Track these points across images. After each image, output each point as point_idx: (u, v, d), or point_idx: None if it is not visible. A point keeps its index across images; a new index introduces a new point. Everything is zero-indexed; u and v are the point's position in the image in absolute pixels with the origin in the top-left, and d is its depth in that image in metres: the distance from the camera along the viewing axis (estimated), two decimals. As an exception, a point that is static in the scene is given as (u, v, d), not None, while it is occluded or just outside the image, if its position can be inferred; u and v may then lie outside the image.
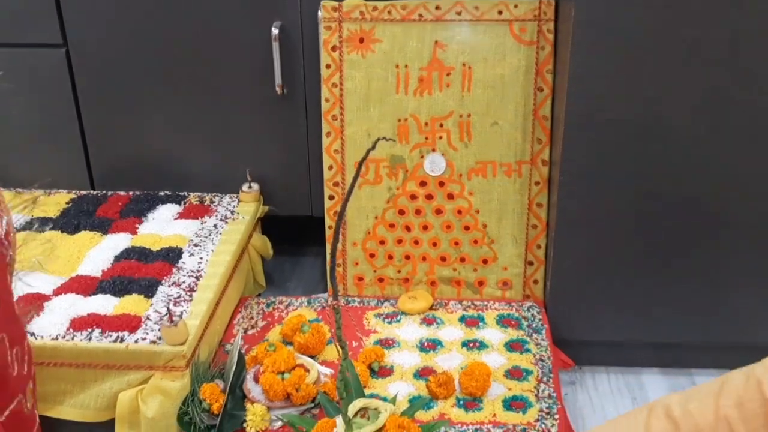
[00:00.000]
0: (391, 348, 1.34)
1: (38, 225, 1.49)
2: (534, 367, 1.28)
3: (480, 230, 1.45)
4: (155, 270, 1.34)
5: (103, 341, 1.17)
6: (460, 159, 1.42)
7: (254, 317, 1.43)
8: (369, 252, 1.49)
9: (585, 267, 1.38)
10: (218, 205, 1.57)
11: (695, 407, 0.71)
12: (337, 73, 1.42)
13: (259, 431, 1.16)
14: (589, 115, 1.25)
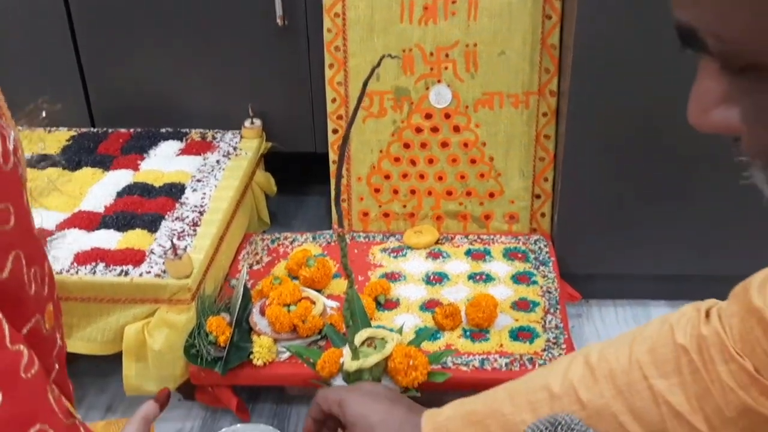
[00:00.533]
0: (397, 281, 1.33)
1: (39, 162, 1.47)
2: (541, 298, 1.28)
3: (486, 163, 1.43)
4: (158, 205, 1.33)
5: (108, 275, 1.17)
6: (466, 90, 1.39)
7: (259, 253, 1.43)
8: (374, 187, 1.47)
9: (592, 199, 1.36)
10: (220, 141, 1.55)
11: (611, 353, 0.70)
12: (339, 3, 1.38)
13: (266, 363, 1.16)
14: (599, 43, 1.22)
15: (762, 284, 0.64)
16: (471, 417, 0.75)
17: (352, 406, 0.82)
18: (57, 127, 1.61)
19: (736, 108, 0.40)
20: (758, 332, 0.62)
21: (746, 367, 0.62)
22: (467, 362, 1.15)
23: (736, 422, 0.63)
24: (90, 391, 1.32)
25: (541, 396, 0.72)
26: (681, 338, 0.67)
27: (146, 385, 1.19)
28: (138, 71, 1.57)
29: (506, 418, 0.73)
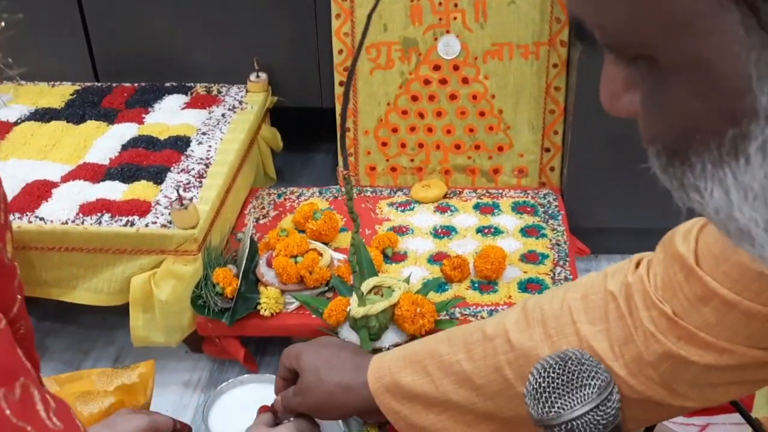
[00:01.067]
0: (405, 235, 1.32)
1: (43, 115, 1.45)
2: (550, 251, 1.26)
3: (496, 116, 1.41)
4: (163, 157, 1.32)
5: (113, 225, 1.16)
6: (476, 41, 1.37)
7: (265, 207, 1.41)
8: (381, 141, 1.45)
9: (603, 153, 1.34)
10: (226, 95, 1.53)
11: (546, 299, 0.71)
12: (346, -49, 1.35)
13: (273, 313, 1.16)
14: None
15: (687, 233, 0.65)
16: (411, 357, 0.77)
17: (304, 355, 0.86)
18: (60, 82, 1.59)
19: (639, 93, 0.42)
20: (680, 278, 0.63)
21: (666, 312, 0.63)
22: (475, 313, 1.14)
23: (656, 367, 0.64)
24: (97, 344, 1.32)
25: (476, 337, 0.73)
26: (611, 285, 0.68)
27: (154, 336, 1.19)
28: (142, 25, 1.54)
29: (442, 358, 0.75)
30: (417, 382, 0.76)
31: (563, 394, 0.60)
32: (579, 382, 0.60)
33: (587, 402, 0.59)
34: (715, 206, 0.40)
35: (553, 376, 0.61)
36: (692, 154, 0.40)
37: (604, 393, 0.60)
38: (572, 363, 0.61)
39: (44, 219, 1.17)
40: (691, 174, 0.41)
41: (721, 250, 0.60)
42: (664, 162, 0.43)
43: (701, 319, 0.61)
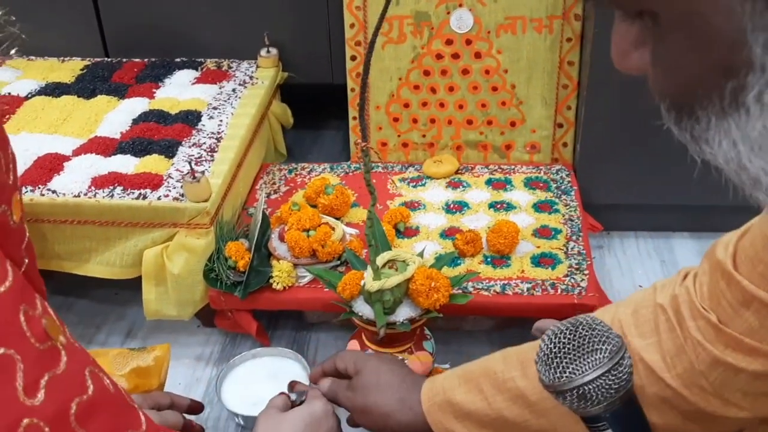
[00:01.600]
0: (417, 210, 1.31)
1: (54, 90, 1.45)
2: (563, 226, 1.26)
3: (508, 91, 1.40)
4: (175, 131, 1.31)
5: (126, 198, 1.16)
6: (489, 14, 1.35)
7: (276, 182, 1.41)
8: (393, 116, 1.44)
9: (616, 129, 1.33)
10: (236, 70, 1.52)
11: (597, 314, 0.72)
12: (358, -77, 1.34)
13: (285, 287, 1.16)
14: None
15: (727, 242, 0.66)
16: (465, 376, 0.79)
17: (368, 361, 0.89)
18: (70, 57, 1.58)
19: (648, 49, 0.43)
20: (722, 285, 0.64)
21: (711, 320, 0.64)
22: (488, 287, 1.14)
23: (706, 376, 0.65)
24: (109, 318, 1.33)
25: (531, 355, 0.73)
26: (660, 299, 0.69)
27: (166, 309, 1.19)
28: (151, 0, 1.53)
29: (497, 376, 0.76)
30: (470, 400, 0.77)
31: (574, 359, 0.59)
32: (590, 347, 0.60)
33: (599, 366, 0.59)
34: (725, 157, 0.42)
35: (564, 342, 0.60)
36: (697, 108, 0.41)
37: (616, 357, 0.59)
38: (583, 328, 0.61)
39: (56, 192, 1.17)
40: (698, 127, 0.42)
41: (755, 251, 0.61)
42: (675, 116, 0.44)
43: (745, 324, 0.62)
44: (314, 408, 0.85)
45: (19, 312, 0.44)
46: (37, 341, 0.44)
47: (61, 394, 0.45)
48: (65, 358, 0.46)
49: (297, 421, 0.82)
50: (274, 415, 0.85)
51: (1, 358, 0.42)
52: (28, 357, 0.43)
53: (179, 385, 1.18)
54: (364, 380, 0.87)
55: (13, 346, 0.43)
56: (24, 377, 0.43)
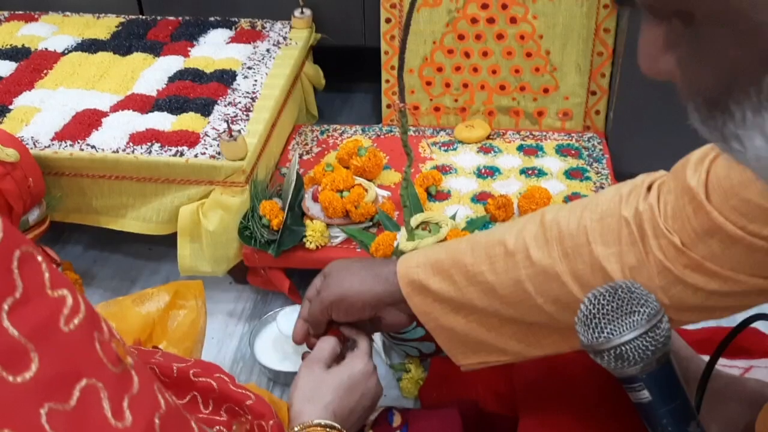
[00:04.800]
0: (448, 174, 1.32)
1: (90, 46, 1.46)
2: (594, 194, 1.26)
3: (543, 57, 1.39)
4: (210, 90, 1.32)
5: (163, 155, 1.17)
6: (526, -21, 1.35)
7: (309, 143, 1.42)
8: (426, 80, 1.44)
9: (650, 98, 1.33)
10: (270, 30, 1.52)
11: (563, 216, 0.72)
12: None
13: (318, 246, 1.17)
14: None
15: (698, 163, 0.66)
16: (436, 266, 0.79)
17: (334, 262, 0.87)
18: (105, 14, 1.59)
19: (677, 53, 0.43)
20: (689, 210, 0.64)
21: (674, 242, 0.65)
22: (519, 252, 1.15)
23: (665, 291, 0.66)
24: (143, 272, 1.35)
25: (498, 251, 0.75)
26: (625, 211, 0.69)
27: (200, 265, 1.21)
28: (186, -43, 1.54)
29: (467, 269, 0.77)
30: (444, 288, 0.78)
31: (612, 320, 0.61)
32: (628, 308, 0.61)
33: (636, 328, 0.60)
34: (756, 154, 0.41)
35: (603, 303, 0.62)
36: (732, 103, 0.41)
37: (653, 320, 0.61)
38: (622, 291, 0.62)
39: (95, 147, 1.19)
40: (731, 123, 0.42)
41: (731, 185, 0.62)
42: (705, 115, 0.44)
43: (707, 249, 0.64)
44: (354, 369, 0.83)
45: (94, 340, 0.44)
46: (112, 366, 0.45)
47: (143, 412, 0.46)
48: (136, 378, 0.46)
49: (336, 384, 0.80)
50: (318, 372, 0.82)
51: (87, 388, 0.42)
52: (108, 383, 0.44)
53: (212, 339, 1.21)
54: (334, 274, 0.85)
55: (94, 375, 0.43)
56: (110, 403, 0.43)
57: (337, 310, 0.84)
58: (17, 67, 1.40)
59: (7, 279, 0.39)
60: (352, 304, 0.83)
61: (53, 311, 0.41)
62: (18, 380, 0.38)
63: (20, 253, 0.40)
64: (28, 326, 0.39)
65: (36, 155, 1.15)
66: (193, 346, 1.04)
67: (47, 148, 1.18)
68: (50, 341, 0.40)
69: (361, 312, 0.83)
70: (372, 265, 0.84)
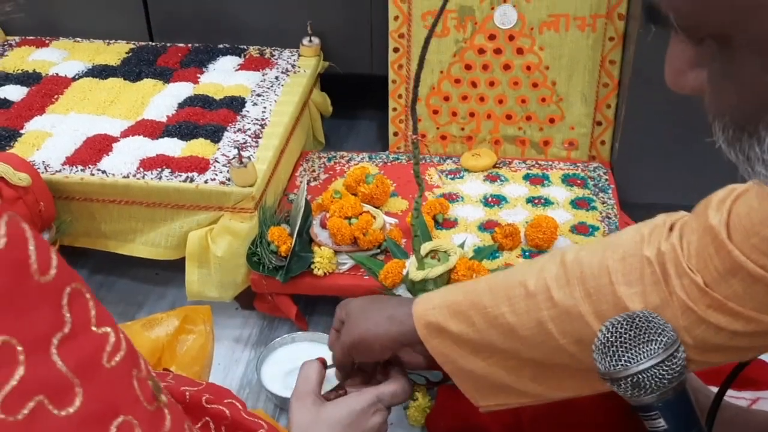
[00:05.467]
0: (455, 202, 1.33)
1: (100, 72, 1.48)
2: (600, 223, 1.27)
3: (549, 87, 1.41)
4: (220, 117, 1.34)
5: (173, 181, 1.18)
6: (533, 11, 1.37)
7: (316, 170, 1.43)
8: (432, 108, 1.46)
9: (656, 129, 1.34)
10: (278, 58, 1.54)
11: (585, 256, 0.73)
12: None
13: (326, 273, 1.18)
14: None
15: (719, 202, 0.67)
16: (454, 307, 0.78)
17: (353, 300, 0.88)
18: (115, 40, 1.61)
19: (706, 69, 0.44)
20: (711, 250, 0.65)
21: (697, 282, 0.65)
22: (526, 281, 1.16)
23: (688, 331, 0.66)
24: (150, 297, 1.35)
25: (518, 292, 0.75)
26: (647, 250, 0.70)
27: (208, 290, 1.22)
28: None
29: (487, 311, 0.76)
30: (463, 331, 0.78)
31: (630, 348, 0.61)
32: (646, 337, 0.62)
33: (653, 356, 0.61)
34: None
35: (621, 332, 0.62)
36: (762, 128, 0.42)
37: (670, 349, 0.61)
38: (640, 320, 0.63)
39: (106, 172, 1.20)
40: (758, 147, 0.42)
41: (752, 223, 0.62)
42: (731, 136, 0.44)
43: (730, 289, 0.64)
44: (355, 406, 0.80)
45: (132, 377, 0.45)
46: (147, 403, 0.45)
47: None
48: (169, 417, 0.47)
49: (335, 419, 0.77)
50: (311, 405, 0.80)
51: (123, 425, 0.43)
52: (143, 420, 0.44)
53: (219, 365, 1.21)
54: (352, 317, 0.86)
55: (131, 413, 0.44)
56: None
57: (357, 352, 0.85)
58: (28, 92, 1.41)
59: (57, 315, 0.40)
60: (370, 347, 0.83)
61: (97, 347, 0.42)
62: (62, 414, 0.39)
63: (70, 289, 0.41)
64: (74, 361, 0.40)
65: (47, 180, 1.16)
66: (202, 371, 1.05)
67: (58, 173, 1.19)
68: (94, 377, 0.41)
69: (381, 354, 0.84)
70: (387, 307, 0.85)
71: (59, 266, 0.41)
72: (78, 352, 0.40)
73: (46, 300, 0.40)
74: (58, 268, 0.41)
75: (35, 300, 0.39)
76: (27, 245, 0.40)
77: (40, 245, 0.40)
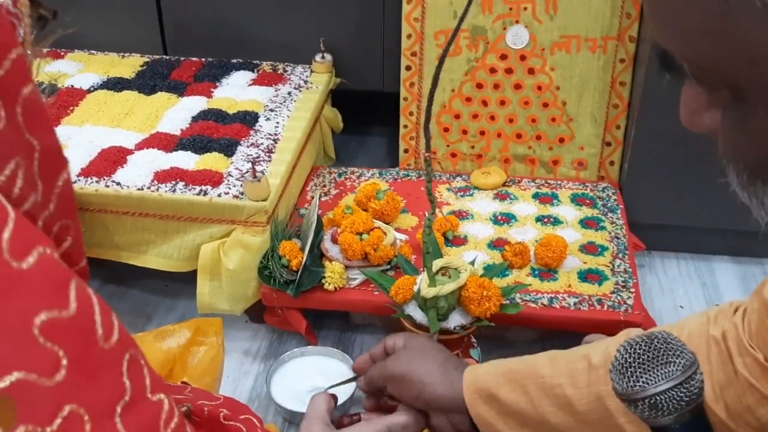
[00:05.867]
0: (465, 220, 1.34)
1: (115, 85, 1.49)
2: (609, 243, 1.28)
3: (559, 108, 1.42)
4: (233, 131, 1.35)
5: (187, 194, 1.19)
6: (544, 32, 1.38)
7: (327, 185, 1.44)
8: (443, 126, 1.47)
9: (665, 150, 1.35)
10: (291, 74, 1.55)
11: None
12: (421, -63, 1.37)
13: (337, 288, 1.19)
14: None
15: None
16: (509, 375, 0.78)
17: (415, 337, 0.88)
18: (130, 53, 1.63)
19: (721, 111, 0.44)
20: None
21: (758, 359, 0.65)
22: (535, 300, 1.16)
23: (753, 411, 0.66)
24: (160, 309, 1.36)
25: (580, 365, 0.74)
26: (713, 330, 0.71)
27: (219, 303, 1.22)
28: (213, 1, 1.57)
29: (544, 380, 0.76)
30: (515, 399, 0.77)
31: (648, 369, 0.62)
32: (664, 359, 0.62)
33: (671, 378, 0.61)
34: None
35: (639, 353, 0.62)
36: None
37: (689, 371, 0.62)
38: (658, 341, 0.63)
39: (120, 184, 1.21)
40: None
41: None
42: (745, 180, 0.45)
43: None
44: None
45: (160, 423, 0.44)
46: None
47: None
48: None
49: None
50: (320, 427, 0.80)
51: None
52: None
53: (228, 378, 1.21)
54: (409, 350, 0.87)
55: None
56: None
57: (393, 384, 0.85)
58: (44, 103, 1.42)
59: (119, 381, 0.40)
60: (408, 389, 0.83)
61: (155, 415, 0.42)
62: None
63: (129, 356, 0.41)
64: (135, 430, 0.40)
65: (62, 190, 1.16)
66: (212, 383, 1.05)
67: (73, 184, 1.20)
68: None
69: (413, 400, 0.83)
70: (445, 361, 0.85)
71: (120, 331, 0.41)
72: (138, 419, 0.40)
73: (109, 366, 0.39)
74: (119, 333, 0.40)
75: (100, 367, 0.39)
76: (93, 311, 0.39)
77: (104, 310, 0.39)
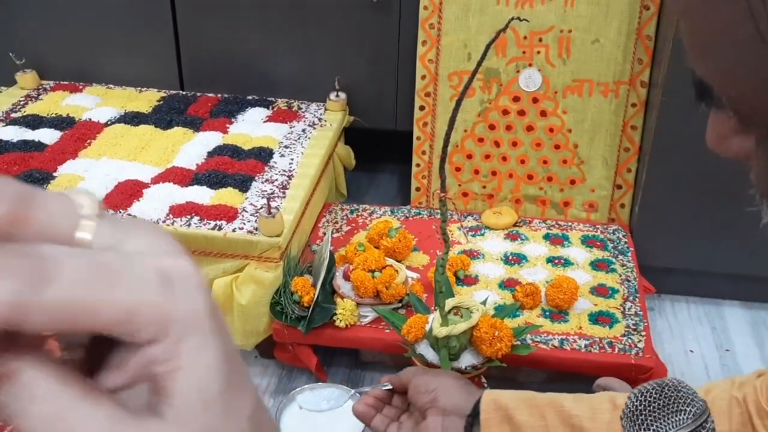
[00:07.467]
0: (476, 259, 1.34)
1: (132, 119, 1.51)
2: (620, 286, 1.28)
3: (570, 150, 1.44)
4: (248, 167, 1.36)
5: (202, 228, 1.20)
6: (557, 76, 1.40)
7: (339, 222, 1.45)
8: (455, 166, 1.49)
9: (675, 194, 1.36)
10: (306, 111, 1.58)
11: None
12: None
13: (348, 325, 1.19)
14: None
15: None
16: (530, 401, 0.79)
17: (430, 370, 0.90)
18: (147, 88, 1.65)
19: (752, 137, 0.43)
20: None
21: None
22: (546, 341, 1.17)
23: None
24: (170, 342, 1.36)
25: (604, 405, 0.76)
26: (737, 392, 0.72)
27: (230, 338, 1.22)
28: (230, 38, 1.60)
29: (564, 410, 0.77)
30: (531, 424, 0.78)
31: (659, 417, 0.62)
32: (675, 407, 0.62)
33: (682, 426, 0.61)
34: None
35: (650, 400, 0.63)
36: None
37: (699, 420, 0.62)
38: (669, 389, 0.63)
39: (137, 217, 1.22)
40: None
41: None
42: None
43: None
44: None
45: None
46: None
47: None
48: None
49: None
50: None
51: None
52: None
53: (236, 413, 1.21)
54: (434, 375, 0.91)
55: None
56: None
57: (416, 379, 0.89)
58: (62, 136, 1.44)
59: None
60: (426, 384, 0.87)
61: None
62: None
63: None
64: None
65: (79, 222, 1.18)
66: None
67: (89, 216, 1.21)
68: None
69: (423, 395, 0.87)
70: (467, 382, 0.89)
71: None
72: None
73: None
74: None
75: None
76: None
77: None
